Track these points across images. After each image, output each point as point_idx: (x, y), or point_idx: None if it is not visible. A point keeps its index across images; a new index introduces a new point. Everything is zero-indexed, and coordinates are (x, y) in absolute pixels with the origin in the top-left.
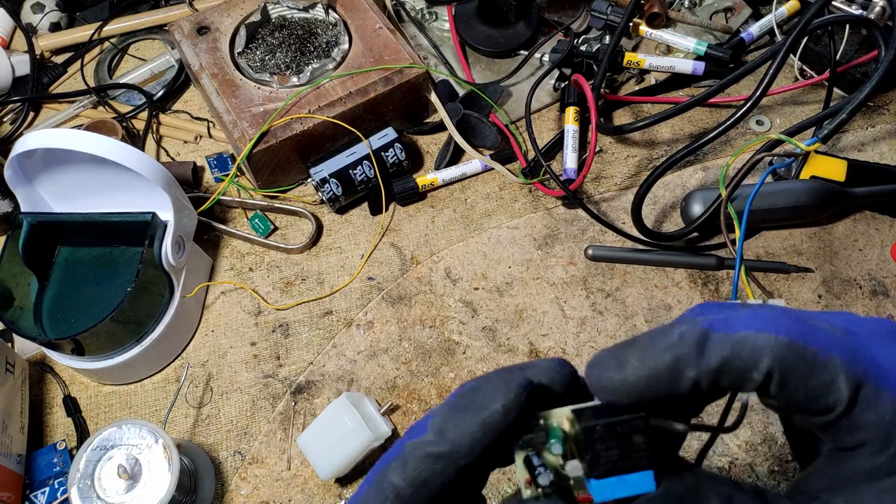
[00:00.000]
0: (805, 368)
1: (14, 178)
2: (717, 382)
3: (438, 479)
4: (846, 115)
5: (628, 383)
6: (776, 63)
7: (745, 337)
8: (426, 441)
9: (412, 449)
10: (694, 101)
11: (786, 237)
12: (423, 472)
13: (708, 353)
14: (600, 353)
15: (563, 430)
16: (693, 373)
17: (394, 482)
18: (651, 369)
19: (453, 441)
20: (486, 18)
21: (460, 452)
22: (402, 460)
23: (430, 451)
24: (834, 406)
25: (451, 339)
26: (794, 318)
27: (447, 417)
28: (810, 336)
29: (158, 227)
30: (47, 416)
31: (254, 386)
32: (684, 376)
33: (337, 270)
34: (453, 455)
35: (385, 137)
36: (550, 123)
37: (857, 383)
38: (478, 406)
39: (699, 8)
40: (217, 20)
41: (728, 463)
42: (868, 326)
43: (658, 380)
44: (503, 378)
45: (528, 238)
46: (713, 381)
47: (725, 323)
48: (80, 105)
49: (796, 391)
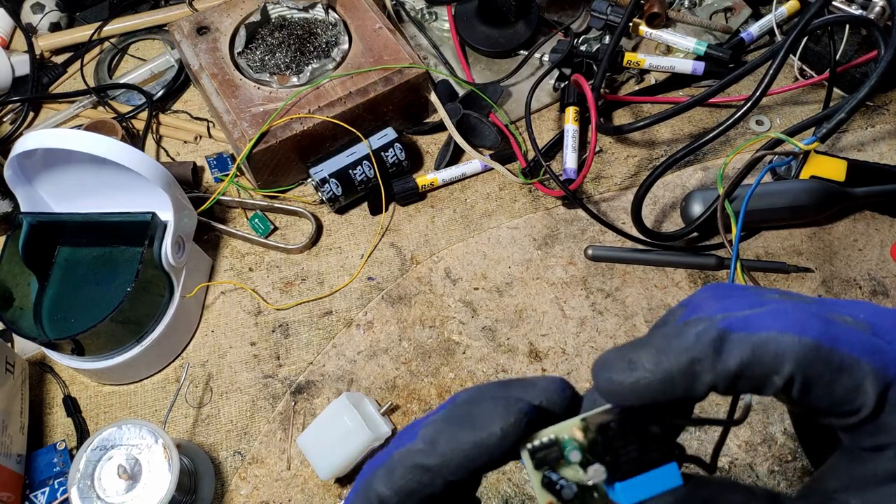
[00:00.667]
0: (831, 373)
1: (14, 178)
2: (734, 387)
3: (425, 491)
4: (845, 115)
5: (639, 387)
6: (776, 63)
7: (767, 339)
8: (415, 451)
9: (400, 458)
10: (694, 101)
11: (786, 237)
12: (409, 483)
13: (726, 357)
14: (609, 354)
15: (576, 441)
16: (710, 377)
17: (379, 491)
18: (666, 373)
19: (444, 455)
20: (486, 18)
21: (450, 468)
22: (389, 468)
23: (418, 461)
24: (859, 409)
25: (451, 339)
26: (819, 316)
27: (440, 429)
28: (836, 337)
29: (158, 227)
30: (47, 416)
31: (254, 386)
32: (700, 381)
33: (337, 270)
34: (442, 469)
35: (385, 137)
36: (550, 123)
37: (885, 385)
38: (475, 424)
39: (699, 8)
40: (217, 20)
41: (728, 463)
42: (890, 319)
43: (672, 383)
44: (503, 398)
45: (528, 238)
46: (730, 386)
47: (745, 322)
48: (80, 105)
49: (821, 396)
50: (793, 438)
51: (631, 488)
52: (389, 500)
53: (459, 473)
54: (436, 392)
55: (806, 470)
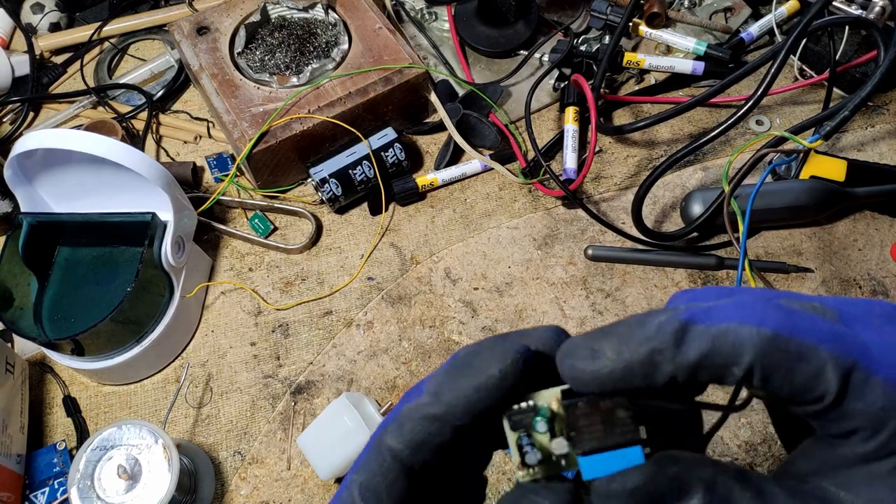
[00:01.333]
0: (789, 362)
1: (14, 178)
2: (695, 377)
3: (434, 440)
4: (848, 113)
5: (601, 375)
6: (776, 64)
7: (726, 330)
8: (422, 403)
9: (408, 412)
10: (694, 101)
11: (786, 237)
12: (419, 434)
13: (686, 348)
14: (573, 341)
15: (551, 410)
16: (669, 368)
17: (391, 445)
18: (626, 362)
19: (449, 403)
20: (486, 18)
21: (455, 414)
22: (399, 423)
23: (426, 412)
24: (822, 397)
25: (451, 339)
26: (781, 307)
27: (443, 380)
28: (796, 326)
29: (158, 227)
30: (47, 417)
31: (254, 386)
32: (660, 371)
33: (337, 270)
34: (448, 416)
35: (385, 137)
36: (550, 123)
37: (846, 372)
38: (475, 370)
39: (699, 8)
40: (217, 20)
41: (728, 463)
42: (861, 306)
43: (632, 373)
44: (500, 344)
45: (528, 238)
46: (691, 376)
47: (707, 314)
48: (80, 105)
49: (781, 385)
50: None
51: (591, 464)
52: (401, 453)
53: (465, 418)
54: None
55: None
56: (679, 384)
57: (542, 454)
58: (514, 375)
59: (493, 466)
